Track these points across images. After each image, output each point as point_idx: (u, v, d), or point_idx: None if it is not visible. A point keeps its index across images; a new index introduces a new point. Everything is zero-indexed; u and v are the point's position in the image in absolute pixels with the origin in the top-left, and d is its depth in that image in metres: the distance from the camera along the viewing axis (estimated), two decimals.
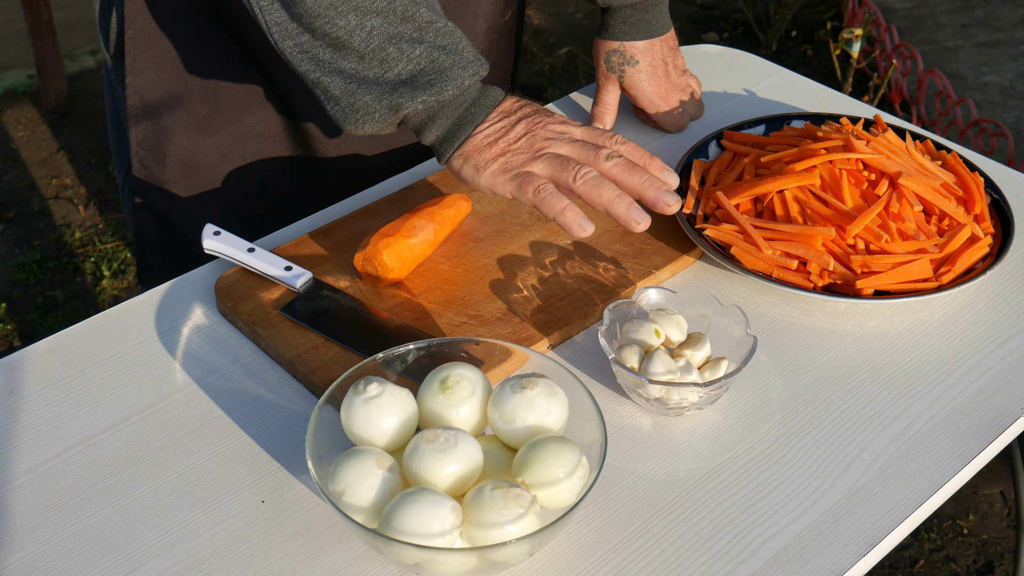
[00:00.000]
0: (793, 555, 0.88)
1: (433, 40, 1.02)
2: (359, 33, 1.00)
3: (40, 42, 3.20)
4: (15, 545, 0.89)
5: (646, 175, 1.02)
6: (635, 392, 0.99)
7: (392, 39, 1.00)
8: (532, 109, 1.06)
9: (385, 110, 1.01)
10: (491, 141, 1.04)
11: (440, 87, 1.01)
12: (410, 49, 1.00)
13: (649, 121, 1.38)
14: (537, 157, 1.02)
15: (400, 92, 1.01)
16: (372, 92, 1.01)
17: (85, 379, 1.04)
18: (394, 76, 1.01)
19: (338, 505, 0.83)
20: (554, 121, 1.05)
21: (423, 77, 1.01)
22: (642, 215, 1.00)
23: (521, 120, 1.04)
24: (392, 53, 1.00)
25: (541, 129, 1.04)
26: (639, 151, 1.05)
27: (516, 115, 1.05)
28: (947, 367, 1.04)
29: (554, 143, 1.03)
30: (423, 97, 1.01)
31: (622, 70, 1.32)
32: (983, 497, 2.18)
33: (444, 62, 1.01)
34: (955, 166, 1.21)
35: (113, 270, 2.76)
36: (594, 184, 1.00)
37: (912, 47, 3.06)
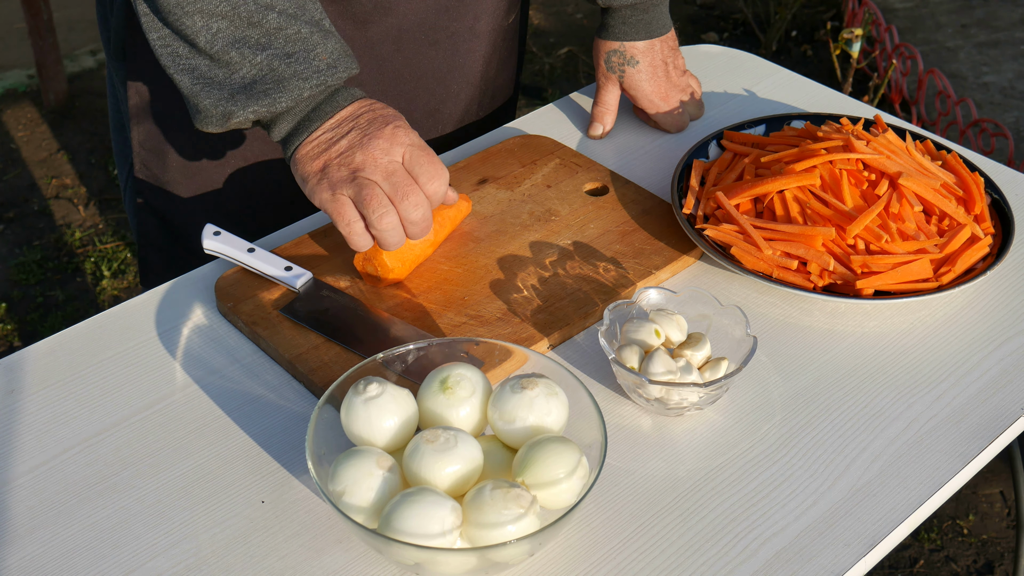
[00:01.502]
0: (793, 555, 0.88)
1: (281, 47, 1.01)
2: (204, 34, 1.00)
3: (40, 42, 3.20)
4: (15, 545, 0.89)
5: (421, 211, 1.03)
6: (635, 392, 0.99)
7: (235, 43, 1.00)
8: (369, 118, 1.04)
9: (220, 116, 1.02)
10: (317, 153, 1.03)
11: (274, 98, 1.01)
12: (252, 55, 1.01)
13: (649, 121, 1.38)
14: (352, 179, 1.01)
15: (235, 99, 1.01)
16: (212, 96, 1.02)
17: (85, 379, 1.04)
18: (239, 79, 1.01)
19: (338, 505, 0.83)
20: (382, 136, 1.02)
21: (261, 85, 1.01)
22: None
23: (349, 132, 1.03)
24: (235, 57, 1.01)
25: (361, 148, 1.02)
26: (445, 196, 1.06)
27: (348, 124, 1.03)
28: (947, 367, 1.04)
29: (369, 166, 1.01)
30: (254, 107, 1.01)
31: (622, 70, 1.32)
32: (983, 497, 2.18)
33: (284, 72, 1.01)
34: (955, 166, 1.21)
35: (113, 270, 2.76)
36: (387, 235, 1.02)
37: (912, 47, 3.06)
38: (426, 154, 1.03)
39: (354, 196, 1.02)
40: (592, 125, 1.36)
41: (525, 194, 1.24)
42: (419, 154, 1.02)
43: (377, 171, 1.01)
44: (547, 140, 1.33)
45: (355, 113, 1.04)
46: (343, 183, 1.02)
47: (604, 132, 1.36)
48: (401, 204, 1.01)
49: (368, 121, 1.04)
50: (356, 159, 1.01)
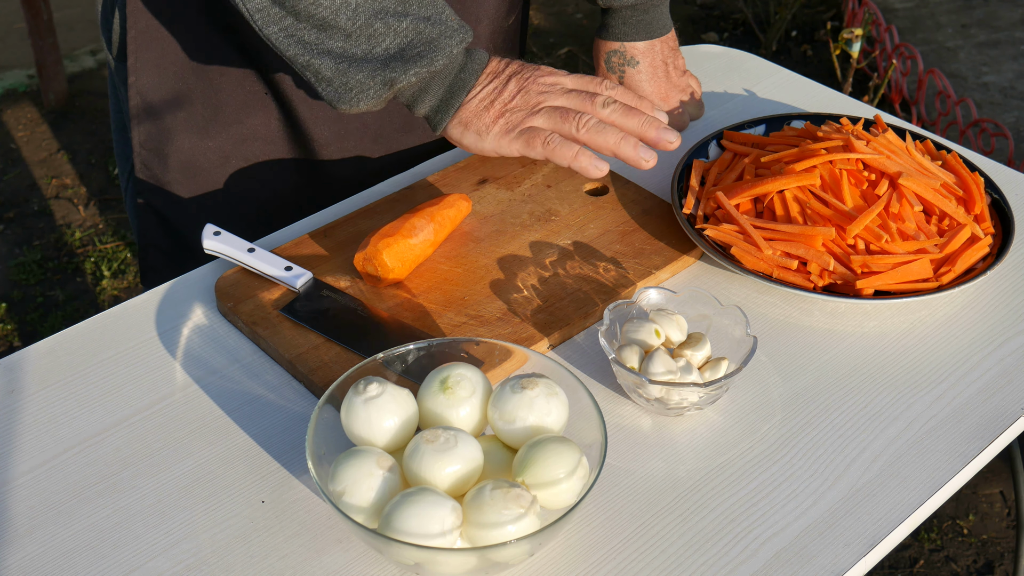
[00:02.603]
0: (793, 555, 0.88)
1: (417, 12, 1.02)
2: (344, 12, 1.00)
3: (40, 42, 3.20)
4: (15, 545, 0.89)
5: (643, 116, 1.06)
6: (635, 392, 0.99)
7: (377, 14, 1.01)
8: (518, 66, 1.07)
9: (379, 85, 1.02)
10: (487, 104, 1.05)
11: (431, 58, 1.01)
12: (396, 23, 1.01)
13: None
14: (535, 112, 1.04)
15: (391, 67, 1.01)
16: (364, 69, 1.01)
17: (85, 379, 1.04)
18: (382, 51, 1.01)
19: (338, 505, 0.83)
20: (543, 73, 1.07)
21: (412, 50, 1.01)
22: (649, 153, 1.05)
23: (511, 78, 1.06)
24: (379, 28, 1.01)
25: (533, 84, 1.05)
26: (629, 94, 1.08)
27: (505, 74, 1.06)
28: (947, 367, 1.04)
29: (549, 96, 1.05)
30: (415, 70, 1.01)
31: (622, 71, 1.32)
32: (983, 497, 2.18)
33: (431, 33, 1.02)
34: (955, 166, 1.21)
35: (113, 270, 2.76)
36: (598, 130, 1.04)
37: (912, 47, 3.06)
38: (589, 76, 1.07)
39: (545, 123, 1.05)
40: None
41: (525, 194, 1.24)
42: (582, 78, 1.06)
43: (557, 98, 1.05)
44: None
45: (501, 66, 1.07)
46: (529, 118, 1.04)
47: None
48: (593, 108, 1.04)
49: (518, 68, 1.07)
50: (532, 99, 1.05)
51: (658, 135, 1.06)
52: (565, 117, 1.04)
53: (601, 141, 1.05)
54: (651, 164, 1.05)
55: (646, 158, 1.05)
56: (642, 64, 1.31)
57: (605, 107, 1.05)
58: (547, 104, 1.05)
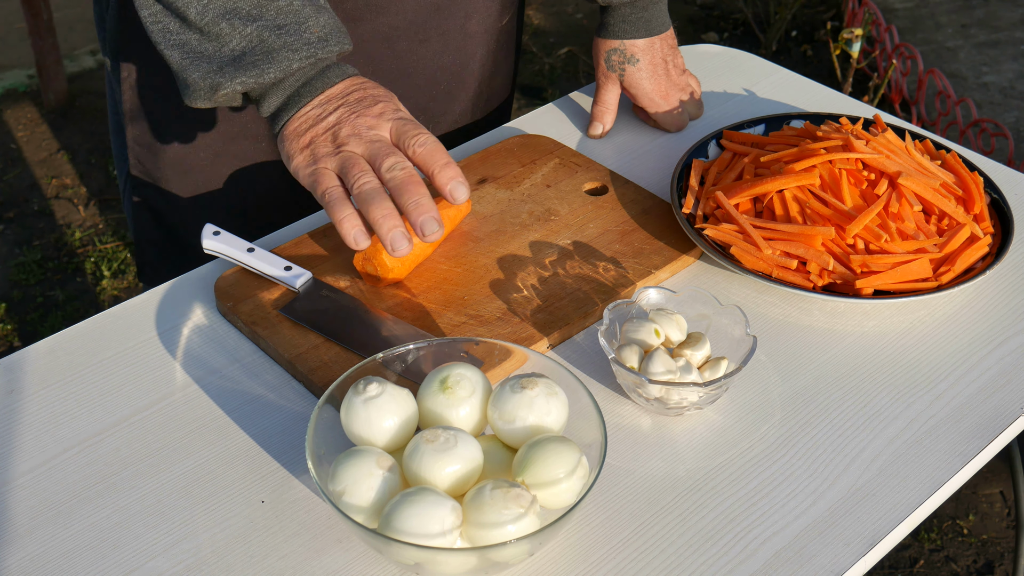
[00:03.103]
0: (793, 555, 0.88)
1: (272, 19, 1.00)
2: (195, 5, 0.99)
3: (40, 42, 3.20)
4: (15, 545, 0.89)
5: (417, 196, 0.98)
6: (635, 392, 0.99)
7: (226, 14, 0.99)
8: (357, 97, 1.03)
9: (207, 88, 1.01)
10: (304, 129, 1.02)
11: (262, 69, 1.00)
12: (243, 26, 1.00)
13: (649, 120, 1.38)
14: (336, 153, 1.00)
15: (224, 71, 1.00)
16: (200, 69, 1.01)
17: (85, 379, 1.04)
18: (228, 52, 1.00)
19: (338, 505, 0.83)
20: (369, 114, 1.02)
21: (250, 56, 1.00)
22: (401, 242, 0.99)
23: (338, 108, 1.02)
24: (225, 29, 1.00)
25: (348, 123, 1.01)
26: (434, 156, 1.01)
27: (336, 102, 1.02)
28: (947, 367, 1.04)
29: (353, 140, 1.00)
30: (242, 78, 1.00)
31: (622, 69, 1.32)
32: (983, 497, 2.18)
33: (274, 43, 1.00)
34: (954, 166, 1.21)
35: (113, 270, 2.76)
36: (368, 197, 0.99)
37: (912, 47, 3.07)
38: (414, 125, 1.02)
39: (336, 168, 1.01)
40: (592, 124, 1.36)
41: (525, 194, 1.24)
42: (405, 126, 1.01)
43: (361, 144, 1.00)
44: (547, 140, 1.33)
45: (345, 91, 1.04)
46: (327, 157, 1.01)
47: (604, 131, 1.36)
48: (381, 166, 0.99)
49: (357, 100, 1.03)
50: (342, 133, 1.01)
51: (417, 222, 0.99)
52: (350, 170, 1.00)
53: (366, 210, 0.99)
54: (398, 254, 0.99)
55: (392, 247, 0.99)
56: (642, 61, 1.31)
57: (389, 171, 0.99)
58: (347, 148, 1.00)
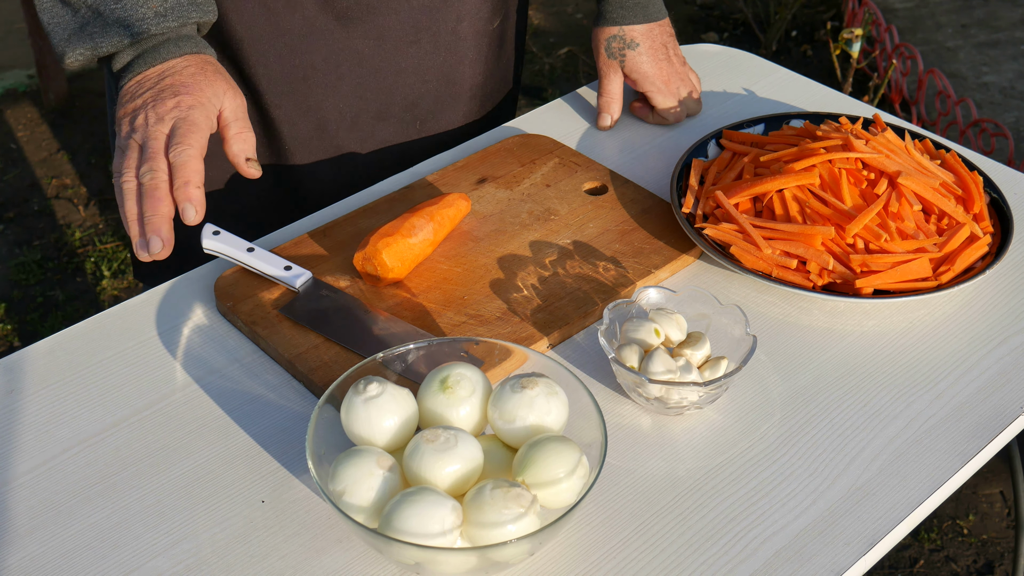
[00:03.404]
0: (793, 554, 0.88)
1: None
2: None
3: (40, 42, 3.20)
4: (15, 545, 0.89)
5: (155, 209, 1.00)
6: (635, 392, 0.99)
7: None
8: (168, 83, 1.06)
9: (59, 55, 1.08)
10: (123, 101, 1.07)
11: (97, 42, 1.07)
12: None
13: (647, 116, 1.38)
14: (127, 136, 1.05)
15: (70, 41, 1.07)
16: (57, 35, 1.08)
17: (85, 379, 1.04)
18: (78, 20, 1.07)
19: (338, 505, 0.83)
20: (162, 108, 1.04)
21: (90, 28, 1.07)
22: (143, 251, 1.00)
23: (145, 92, 1.06)
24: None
25: (143, 112, 1.05)
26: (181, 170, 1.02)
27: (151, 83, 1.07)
28: (946, 366, 1.04)
29: (140, 131, 1.04)
30: (81, 49, 1.07)
31: (623, 55, 1.32)
32: (983, 497, 2.18)
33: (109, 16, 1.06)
34: (954, 165, 1.21)
35: (113, 270, 2.76)
36: (123, 196, 1.02)
37: (912, 47, 3.07)
38: (185, 127, 1.03)
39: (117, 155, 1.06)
40: (600, 116, 1.36)
41: (524, 193, 1.24)
42: (180, 126, 1.03)
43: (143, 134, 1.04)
44: (546, 139, 1.33)
45: (165, 72, 1.07)
46: (123, 138, 1.06)
47: (613, 121, 1.36)
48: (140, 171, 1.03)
49: (170, 83, 1.07)
50: (137, 120, 1.05)
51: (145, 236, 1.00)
52: (119, 163, 1.04)
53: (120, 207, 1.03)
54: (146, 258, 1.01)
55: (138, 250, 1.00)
56: (642, 46, 1.31)
57: (142, 176, 1.01)
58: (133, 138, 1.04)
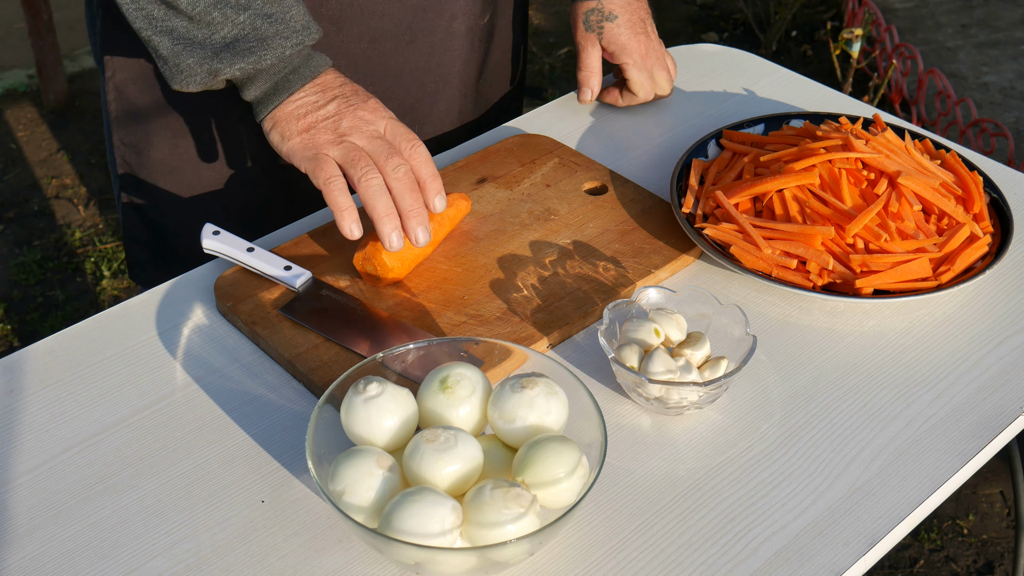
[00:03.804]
0: (793, 554, 0.88)
1: (260, 7, 1.04)
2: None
3: (40, 42, 3.20)
4: (15, 545, 0.89)
5: (415, 203, 1.05)
6: (635, 391, 0.99)
7: (217, 4, 1.03)
8: (351, 90, 1.09)
9: (205, 74, 1.05)
10: (301, 114, 1.07)
11: (259, 55, 1.04)
12: (234, 15, 1.04)
13: (619, 101, 1.38)
14: (338, 142, 1.05)
15: (221, 57, 1.04)
16: (195, 55, 1.04)
17: (85, 379, 1.04)
18: (219, 39, 1.04)
19: (338, 505, 0.83)
20: (366, 108, 1.07)
21: (244, 43, 1.04)
22: (398, 241, 1.05)
23: (335, 99, 1.07)
24: (217, 17, 1.03)
25: (349, 114, 1.06)
26: (426, 167, 1.07)
27: (332, 92, 1.08)
28: (946, 366, 1.05)
29: (356, 132, 1.06)
30: (240, 64, 1.04)
31: (601, 27, 1.32)
32: (983, 497, 2.18)
33: (267, 30, 1.04)
34: (954, 165, 1.21)
35: (113, 270, 2.76)
36: (373, 192, 1.04)
37: (912, 47, 3.07)
38: (404, 128, 1.07)
39: (339, 157, 1.05)
40: (581, 91, 1.36)
41: (524, 193, 1.24)
42: (399, 127, 1.07)
43: (362, 137, 1.05)
44: (546, 139, 1.33)
45: (334, 83, 1.09)
46: (329, 144, 1.05)
47: (593, 96, 1.37)
48: (386, 165, 1.04)
49: (352, 92, 1.08)
50: (343, 124, 1.05)
51: (411, 228, 1.06)
52: (355, 161, 1.05)
53: (370, 205, 1.05)
54: (393, 249, 1.05)
55: (389, 244, 1.05)
56: (620, 18, 1.31)
57: (395, 171, 1.05)
58: (350, 139, 1.06)
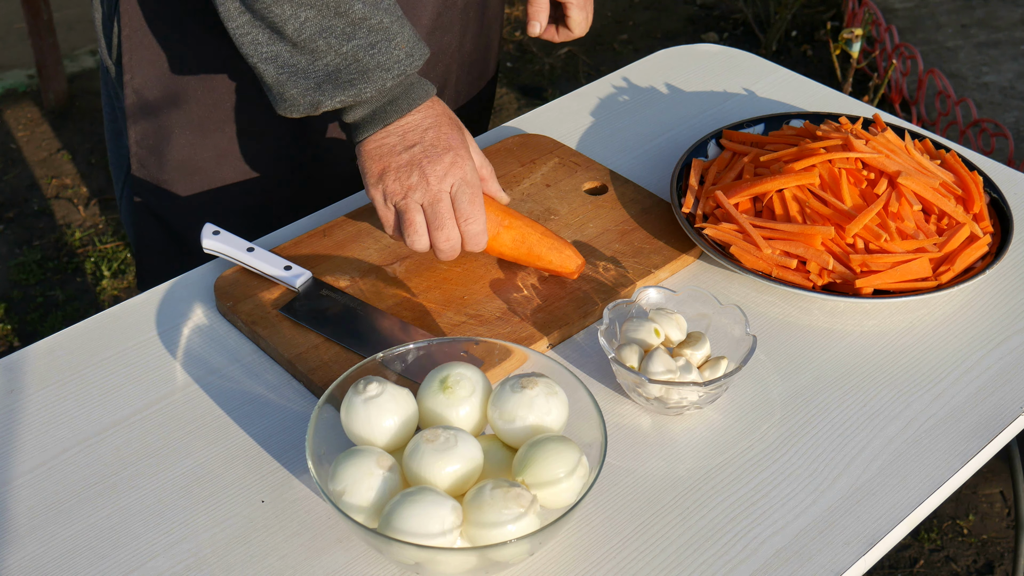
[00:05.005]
0: (793, 554, 0.88)
1: (365, 37, 1.04)
2: (292, 23, 1.02)
3: (40, 42, 3.20)
4: (15, 545, 0.89)
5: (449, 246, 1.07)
6: (635, 391, 0.99)
7: (323, 32, 1.03)
8: (434, 137, 1.07)
9: (307, 105, 1.05)
10: (380, 155, 1.07)
11: (360, 88, 1.04)
12: (339, 44, 1.03)
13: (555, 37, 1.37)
14: (403, 196, 1.06)
15: (323, 89, 1.04)
16: (299, 86, 1.05)
17: (85, 379, 1.04)
18: (322, 67, 1.04)
19: (338, 505, 0.83)
20: (441, 163, 1.05)
21: (346, 74, 1.04)
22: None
23: (413, 147, 1.06)
24: (321, 46, 1.03)
25: (419, 169, 1.05)
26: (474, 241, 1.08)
27: (415, 137, 1.07)
28: (946, 366, 1.04)
29: (420, 190, 1.05)
30: (341, 97, 1.04)
31: None
32: (983, 497, 2.18)
33: (368, 62, 1.04)
34: (954, 165, 1.21)
35: (113, 270, 2.76)
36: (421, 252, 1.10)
37: (912, 47, 3.06)
38: (472, 192, 1.07)
39: (401, 213, 1.07)
40: (530, 24, 1.36)
41: (524, 193, 1.24)
42: (466, 191, 1.06)
43: (426, 196, 1.05)
44: (546, 139, 1.33)
45: (423, 123, 1.08)
46: (394, 196, 1.06)
47: (542, 28, 1.36)
48: (435, 234, 1.06)
49: (434, 140, 1.07)
50: (412, 179, 1.05)
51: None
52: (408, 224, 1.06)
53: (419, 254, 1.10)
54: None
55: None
56: None
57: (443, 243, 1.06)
58: (412, 198, 1.06)
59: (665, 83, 1.47)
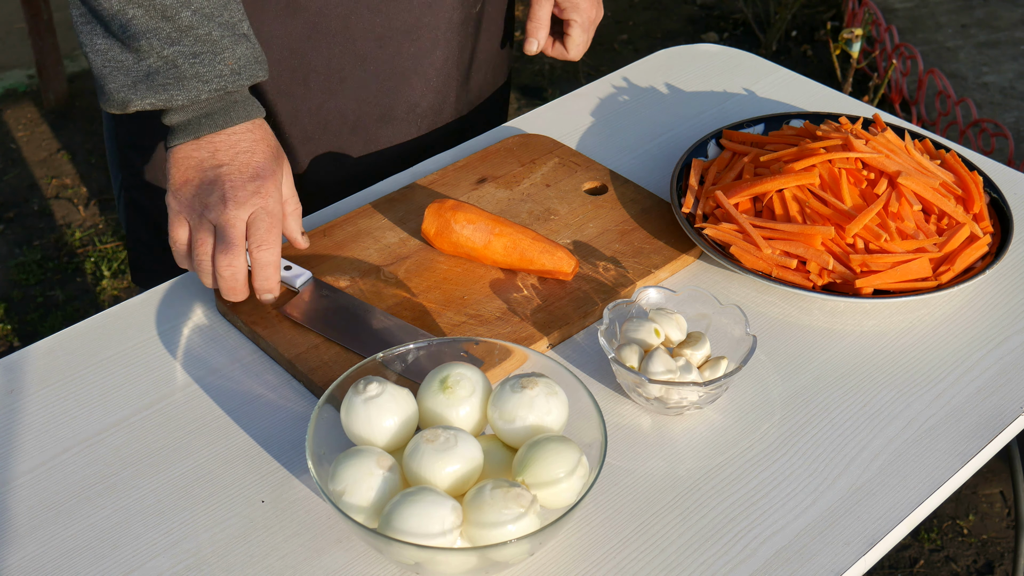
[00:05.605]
0: (793, 554, 0.88)
1: (189, 46, 1.03)
2: (119, 19, 1.02)
3: (40, 42, 3.20)
4: (15, 545, 0.89)
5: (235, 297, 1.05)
6: (635, 391, 0.99)
7: (147, 33, 1.02)
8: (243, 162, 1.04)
9: (120, 101, 1.05)
10: (189, 165, 1.05)
11: (171, 94, 1.03)
12: (161, 47, 1.03)
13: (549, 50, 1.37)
14: (199, 213, 1.04)
15: (136, 88, 1.04)
16: (117, 81, 1.04)
17: (85, 379, 1.04)
18: (144, 68, 1.04)
19: (338, 505, 0.83)
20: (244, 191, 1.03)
21: (162, 78, 1.03)
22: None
23: (222, 167, 1.04)
24: (144, 46, 1.03)
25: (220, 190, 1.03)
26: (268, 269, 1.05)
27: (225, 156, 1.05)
28: (946, 366, 1.04)
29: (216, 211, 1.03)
30: (151, 99, 1.04)
31: None
32: (983, 497, 2.18)
33: (187, 71, 1.03)
34: (954, 165, 1.21)
35: (113, 270, 2.76)
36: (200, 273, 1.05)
37: (912, 47, 3.07)
38: (270, 222, 1.04)
39: (190, 225, 1.05)
40: (527, 41, 1.36)
41: (524, 193, 1.24)
42: (264, 219, 1.04)
43: (220, 218, 1.03)
44: (546, 139, 1.33)
45: (238, 145, 1.05)
46: (190, 211, 1.04)
47: (539, 48, 1.36)
48: (218, 258, 1.03)
49: (244, 164, 1.05)
50: (212, 198, 1.03)
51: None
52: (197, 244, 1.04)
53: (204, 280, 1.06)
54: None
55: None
56: None
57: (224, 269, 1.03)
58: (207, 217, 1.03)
59: (665, 83, 1.47)
